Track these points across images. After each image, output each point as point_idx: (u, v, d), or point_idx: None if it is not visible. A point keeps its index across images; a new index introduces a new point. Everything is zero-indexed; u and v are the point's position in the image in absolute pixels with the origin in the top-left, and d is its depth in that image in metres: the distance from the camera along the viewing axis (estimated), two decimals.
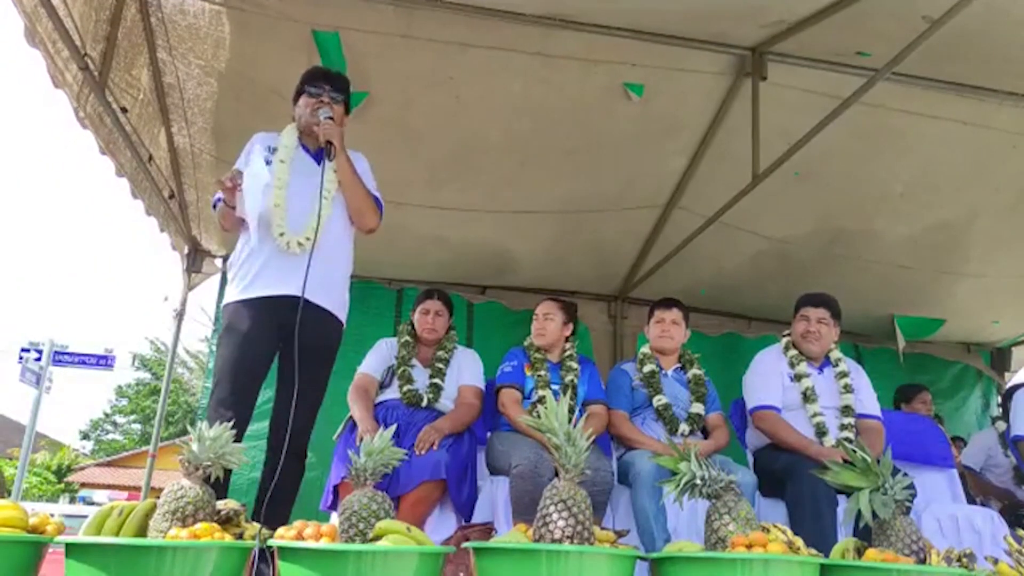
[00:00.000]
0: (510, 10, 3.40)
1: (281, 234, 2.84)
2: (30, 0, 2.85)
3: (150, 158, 4.15)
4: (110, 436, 32.45)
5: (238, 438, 2.39)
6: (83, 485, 25.89)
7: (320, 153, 3.00)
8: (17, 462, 15.30)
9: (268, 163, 2.90)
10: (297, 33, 3.45)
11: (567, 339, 3.80)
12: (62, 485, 25.85)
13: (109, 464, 26.94)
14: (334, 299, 3.00)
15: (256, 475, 2.98)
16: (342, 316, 3.05)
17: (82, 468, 26.98)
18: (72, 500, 25.37)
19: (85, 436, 32.30)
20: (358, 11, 3.39)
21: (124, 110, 3.67)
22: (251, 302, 2.87)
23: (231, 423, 2.16)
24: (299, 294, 2.81)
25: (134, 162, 4.05)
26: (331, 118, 2.97)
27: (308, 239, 2.85)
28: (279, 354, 2.95)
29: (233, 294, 2.93)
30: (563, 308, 3.84)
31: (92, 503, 23.17)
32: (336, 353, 3.06)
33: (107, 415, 32.35)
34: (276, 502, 2.81)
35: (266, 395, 3.00)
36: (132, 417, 31.92)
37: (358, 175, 3.02)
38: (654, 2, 3.33)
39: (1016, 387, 4.47)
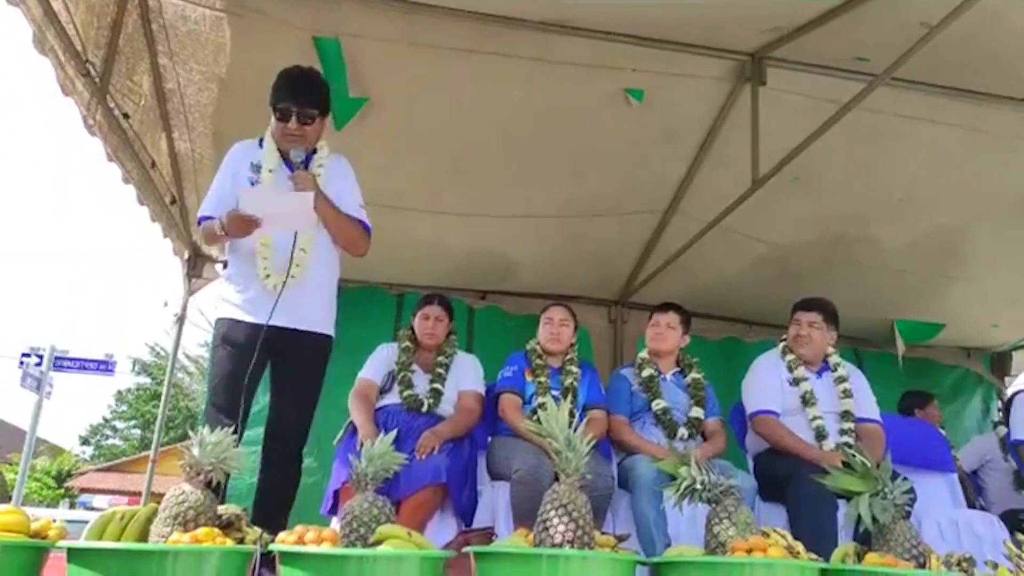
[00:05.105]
0: (511, 16, 3.42)
1: (267, 276, 2.83)
2: (39, 9, 2.87)
3: (153, 164, 4.16)
4: (110, 441, 32.43)
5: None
6: (83, 490, 25.86)
7: (305, 161, 2.92)
8: (17, 467, 15.28)
9: (252, 183, 2.87)
10: (298, 39, 3.46)
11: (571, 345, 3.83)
12: (62, 490, 25.82)
13: (109, 469, 26.90)
14: (320, 318, 2.98)
15: (254, 480, 2.99)
16: (330, 329, 3.03)
17: (82, 473, 26.95)
18: (72, 505, 25.31)
19: (85, 441, 32.30)
20: (359, 17, 3.40)
21: (126, 116, 3.68)
22: (243, 324, 2.86)
23: (232, 429, 2.17)
24: (287, 325, 2.83)
25: (139, 168, 4.06)
26: (303, 163, 2.87)
27: (293, 277, 2.82)
28: (270, 363, 2.95)
29: (227, 309, 2.92)
30: (573, 315, 3.86)
31: (92, 508, 23.13)
32: (327, 360, 3.03)
33: (106, 420, 32.35)
34: (275, 506, 2.82)
35: (262, 400, 3.00)
36: (132, 422, 31.90)
37: (340, 212, 2.92)
38: (654, 8, 3.34)
39: (1018, 392, 4.47)
